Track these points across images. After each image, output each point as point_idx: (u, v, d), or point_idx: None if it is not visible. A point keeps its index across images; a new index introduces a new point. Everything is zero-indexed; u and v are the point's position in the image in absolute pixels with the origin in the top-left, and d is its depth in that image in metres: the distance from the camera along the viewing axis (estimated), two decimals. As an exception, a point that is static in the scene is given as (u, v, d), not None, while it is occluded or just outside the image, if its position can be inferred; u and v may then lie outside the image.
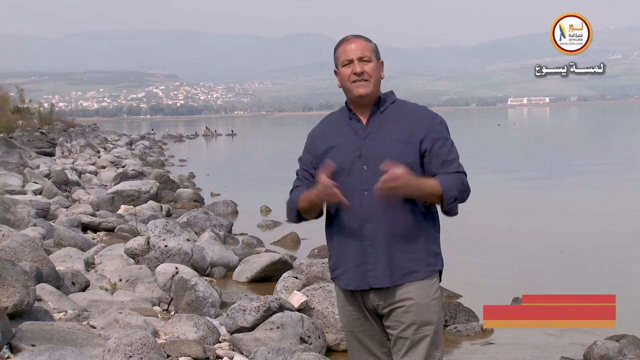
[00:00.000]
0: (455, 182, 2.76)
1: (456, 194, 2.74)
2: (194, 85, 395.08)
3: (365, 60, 2.81)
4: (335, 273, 2.93)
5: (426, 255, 2.83)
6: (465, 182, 2.81)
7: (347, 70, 2.82)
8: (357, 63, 2.80)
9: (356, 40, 2.85)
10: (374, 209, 2.76)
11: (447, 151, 2.81)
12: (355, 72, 2.80)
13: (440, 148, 2.80)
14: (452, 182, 2.75)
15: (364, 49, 2.82)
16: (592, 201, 14.92)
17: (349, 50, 2.83)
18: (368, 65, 2.82)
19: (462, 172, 2.81)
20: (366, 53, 2.82)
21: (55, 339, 4.28)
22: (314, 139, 2.95)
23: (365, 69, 2.81)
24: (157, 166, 25.21)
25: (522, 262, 9.21)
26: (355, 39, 2.86)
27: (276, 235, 11.30)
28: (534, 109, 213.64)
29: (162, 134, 65.50)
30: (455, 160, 2.82)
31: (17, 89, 52.91)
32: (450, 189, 2.73)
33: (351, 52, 2.82)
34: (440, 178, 2.75)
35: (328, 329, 5.53)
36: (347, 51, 2.83)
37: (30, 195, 11.76)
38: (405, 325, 2.80)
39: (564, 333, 6.33)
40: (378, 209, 2.76)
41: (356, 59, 2.81)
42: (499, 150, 34.79)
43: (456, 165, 2.81)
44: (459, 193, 2.76)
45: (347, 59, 2.82)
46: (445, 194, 2.72)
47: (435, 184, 2.73)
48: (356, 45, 2.83)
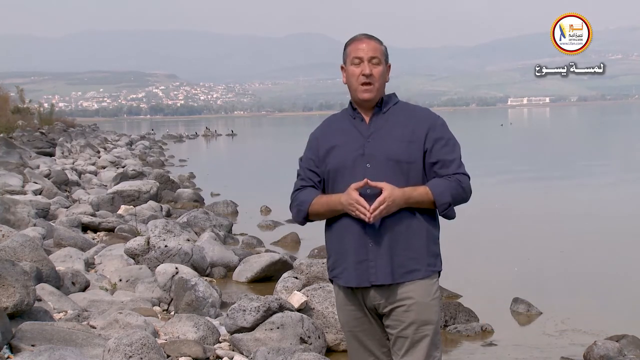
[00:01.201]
0: (449, 187, 2.78)
1: (449, 200, 2.77)
2: (194, 85, 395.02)
3: (374, 63, 2.83)
4: (334, 272, 2.93)
5: (427, 255, 2.84)
6: (465, 183, 2.81)
7: (356, 69, 2.84)
8: (366, 64, 2.83)
9: (369, 41, 2.87)
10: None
11: (448, 151, 2.83)
12: (364, 73, 2.82)
13: (441, 148, 2.82)
14: (445, 187, 2.77)
15: (376, 51, 2.85)
16: (592, 201, 14.91)
17: (361, 49, 2.85)
18: (377, 68, 2.84)
19: (461, 174, 2.82)
20: (377, 55, 2.84)
21: (55, 339, 4.28)
22: (316, 139, 2.96)
23: (373, 72, 2.83)
24: (157, 166, 25.21)
25: (521, 262, 9.21)
26: (368, 39, 2.88)
27: (276, 236, 11.30)
28: (534, 109, 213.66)
29: (162, 134, 65.48)
30: (455, 160, 2.82)
31: (17, 89, 52.95)
32: (442, 195, 2.76)
33: (362, 51, 2.84)
34: (431, 184, 2.79)
35: (328, 329, 5.53)
36: (358, 50, 2.85)
37: (30, 196, 11.76)
38: (405, 324, 2.81)
39: (564, 333, 6.34)
40: None
41: (367, 59, 2.83)
42: (498, 151, 34.80)
43: (456, 165, 2.82)
44: (453, 197, 2.78)
45: (357, 57, 2.84)
46: (438, 201, 2.76)
47: (426, 192, 2.77)
48: (368, 46, 2.85)
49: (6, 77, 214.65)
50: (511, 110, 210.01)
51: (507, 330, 6.50)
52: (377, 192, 2.74)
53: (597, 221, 12.29)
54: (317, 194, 2.89)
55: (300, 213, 2.90)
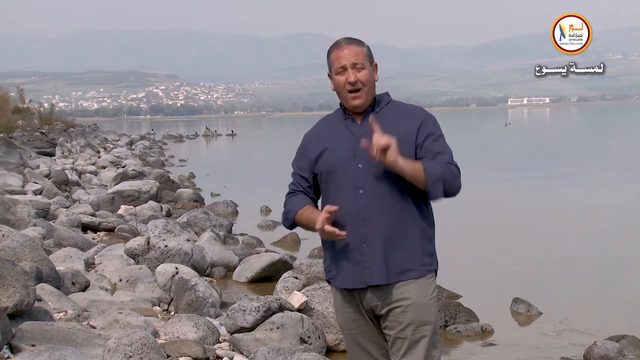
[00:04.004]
0: (439, 166, 2.74)
1: (439, 174, 2.71)
2: (194, 85, 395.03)
3: (358, 68, 2.80)
4: (331, 274, 2.93)
5: (421, 255, 2.84)
6: (455, 172, 2.78)
7: (342, 78, 2.82)
8: (350, 72, 2.80)
9: (349, 46, 2.83)
10: (369, 207, 2.78)
11: (439, 146, 2.82)
12: (349, 81, 2.80)
13: (432, 142, 2.81)
14: (437, 164, 2.74)
15: (357, 55, 2.81)
16: (591, 201, 14.92)
17: (342, 56, 2.81)
18: (362, 72, 2.81)
19: (453, 165, 2.80)
20: (359, 59, 2.81)
21: (55, 339, 4.28)
22: (309, 142, 2.96)
23: (359, 77, 2.80)
24: (157, 166, 25.21)
25: (521, 262, 9.21)
26: (348, 44, 2.84)
27: (276, 236, 11.30)
28: (534, 109, 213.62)
29: (162, 134, 65.49)
30: (447, 153, 2.81)
31: (17, 89, 52.90)
32: (434, 169, 2.72)
33: (344, 58, 2.81)
34: (424, 162, 2.75)
35: (328, 329, 5.53)
36: (339, 58, 2.82)
37: (30, 195, 11.75)
38: (403, 325, 2.81)
39: (564, 333, 6.34)
40: (374, 207, 2.78)
41: (349, 65, 2.80)
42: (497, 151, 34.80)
43: (448, 157, 2.80)
44: (443, 176, 2.72)
45: (340, 67, 2.81)
46: (428, 172, 2.70)
47: (419, 165, 2.72)
48: (349, 52, 2.81)
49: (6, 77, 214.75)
50: (511, 110, 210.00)
51: (507, 330, 6.50)
52: (371, 192, 2.75)
53: (597, 221, 12.30)
54: (305, 202, 2.91)
55: (287, 221, 2.99)
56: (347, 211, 2.79)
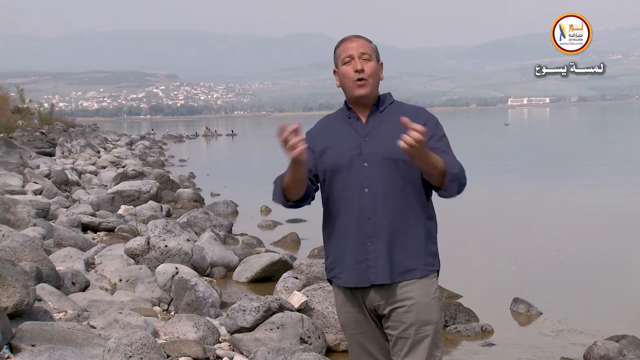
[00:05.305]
0: (457, 163, 2.76)
1: (457, 171, 2.73)
2: (194, 85, 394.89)
3: (365, 58, 2.83)
4: (333, 272, 2.92)
5: (424, 255, 2.84)
6: (463, 170, 2.79)
7: (348, 68, 2.83)
8: (357, 60, 2.82)
9: (357, 40, 2.88)
10: (374, 206, 2.78)
11: (443, 145, 2.82)
12: (356, 69, 2.81)
13: (436, 142, 2.80)
14: (455, 161, 2.76)
15: (365, 47, 2.86)
16: (591, 201, 14.92)
17: (350, 47, 2.85)
18: (368, 64, 2.83)
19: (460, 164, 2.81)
20: (367, 51, 2.85)
21: (55, 339, 4.28)
22: (311, 139, 2.92)
23: (365, 68, 2.82)
24: (157, 166, 25.20)
25: (520, 262, 9.21)
26: (356, 38, 2.90)
27: (276, 236, 11.30)
28: (534, 109, 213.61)
29: (162, 134, 65.48)
30: (451, 152, 2.82)
31: (17, 89, 52.96)
32: (453, 165, 2.73)
33: (352, 49, 2.84)
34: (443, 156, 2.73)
35: (328, 329, 5.53)
36: (347, 48, 2.85)
37: (30, 195, 11.76)
38: (406, 325, 2.80)
39: (564, 333, 6.34)
40: (379, 206, 2.77)
41: (357, 55, 2.83)
42: (496, 151, 34.80)
43: (453, 156, 2.81)
44: (459, 172, 2.73)
45: (347, 56, 2.84)
46: (448, 168, 2.69)
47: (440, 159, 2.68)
48: (357, 44, 2.86)
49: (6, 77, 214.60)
50: (511, 110, 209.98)
51: (507, 330, 6.50)
52: (376, 191, 2.74)
53: (597, 221, 12.29)
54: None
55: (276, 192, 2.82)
56: (351, 210, 2.79)
